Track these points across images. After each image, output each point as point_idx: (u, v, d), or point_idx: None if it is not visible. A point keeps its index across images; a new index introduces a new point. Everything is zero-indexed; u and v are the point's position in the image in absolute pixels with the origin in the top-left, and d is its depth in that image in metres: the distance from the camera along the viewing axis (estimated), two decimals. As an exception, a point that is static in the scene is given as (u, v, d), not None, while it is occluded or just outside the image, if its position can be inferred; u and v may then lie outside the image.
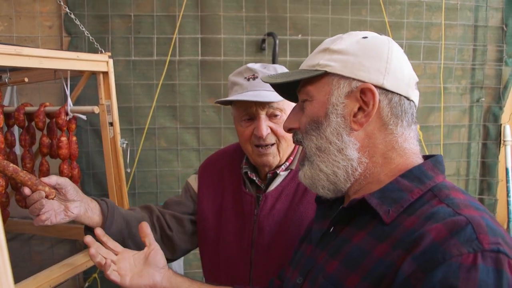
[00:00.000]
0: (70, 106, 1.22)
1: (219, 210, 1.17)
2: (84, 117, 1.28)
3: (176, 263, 1.94)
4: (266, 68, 1.09)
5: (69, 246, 1.92)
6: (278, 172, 1.11)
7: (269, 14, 1.96)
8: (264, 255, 1.08)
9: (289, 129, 0.81)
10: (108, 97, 1.29)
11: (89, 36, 1.50)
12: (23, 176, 0.92)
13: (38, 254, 1.89)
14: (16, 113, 1.23)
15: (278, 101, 1.03)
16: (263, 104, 1.05)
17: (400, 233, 0.62)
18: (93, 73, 1.31)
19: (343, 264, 0.67)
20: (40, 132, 1.24)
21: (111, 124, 1.29)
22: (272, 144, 1.07)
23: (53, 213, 0.95)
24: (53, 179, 0.95)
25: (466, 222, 0.57)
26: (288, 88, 0.81)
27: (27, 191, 0.92)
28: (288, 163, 1.12)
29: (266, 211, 1.09)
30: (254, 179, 1.14)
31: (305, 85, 0.76)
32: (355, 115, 0.71)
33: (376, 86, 0.70)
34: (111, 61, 1.29)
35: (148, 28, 1.90)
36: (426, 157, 0.74)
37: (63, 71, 1.21)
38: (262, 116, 1.05)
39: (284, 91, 0.85)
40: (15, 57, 0.98)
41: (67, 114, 1.21)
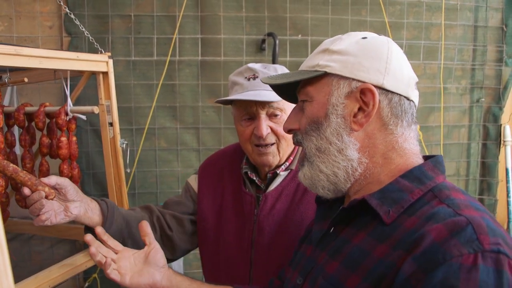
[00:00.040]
0: (70, 106, 1.22)
1: (219, 210, 1.17)
2: (84, 117, 1.28)
3: (176, 263, 1.94)
4: (267, 68, 1.09)
5: (69, 246, 1.91)
6: (278, 172, 1.11)
7: (269, 14, 1.96)
8: (264, 255, 1.08)
9: (289, 130, 0.81)
10: (108, 97, 1.29)
11: (89, 36, 1.50)
12: (23, 176, 0.92)
13: (38, 254, 1.89)
14: (16, 113, 1.23)
15: (278, 101, 1.03)
16: (263, 104, 1.05)
17: (401, 234, 0.62)
18: (93, 73, 1.31)
19: (343, 265, 0.67)
20: (40, 132, 1.24)
21: (111, 124, 1.29)
22: (272, 144, 1.07)
23: (53, 213, 0.95)
24: (53, 179, 0.95)
25: (467, 223, 0.57)
26: (288, 89, 0.81)
27: (27, 191, 0.91)
28: (288, 163, 1.12)
29: (266, 211, 1.09)
30: (254, 179, 1.14)
31: (305, 86, 0.76)
32: (355, 116, 0.71)
33: (376, 86, 0.70)
34: (111, 61, 1.29)
35: (148, 28, 1.90)
36: (426, 158, 0.74)
37: (63, 71, 1.21)
38: (262, 116, 1.06)
39: (284, 92, 0.85)
40: (15, 57, 0.98)
41: (67, 114, 1.21)
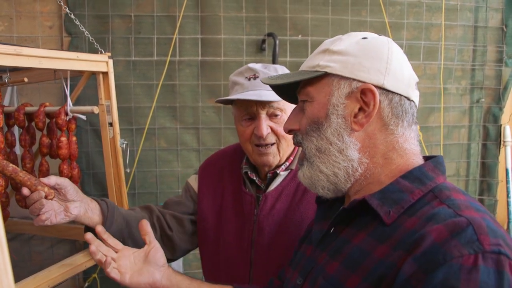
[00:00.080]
0: (70, 106, 1.22)
1: (219, 210, 1.17)
2: (84, 117, 1.28)
3: (175, 264, 1.93)
4: (267, 68, 1.09)
5: (69, 246, 1.91)
6: (278, 172, 1.11)
7: (269, 15, 1.96)
8: (264, 255, 1.08)
9: (289, 131, 0.81)
10: (108, 97, 1.29)
11: (89, 36, 1.50)
12: (23, 176, 0.92)
13: (38, 254, 1.89)
14: (16, 113, 1.23)
15: (279, 101, 1.03)
16: (264, 104, 1.05)
17: (401, 234, 0.62)
18: (93, 73, 1.31)
19: (344, 265, 0.67)
20: (40, 132, 1.24)
21: (111, 125, 1.29)
22: (272, 144, 1.07)
23: (53, 213, 0.95)
24: (52, 180, 0.95)
25: (467, 223, 0.57)
26: (288, 90, 0.81)
27: (26, 192, 0.92)
28: (288, 163, 1.12)
29: (266, 211, 1.09)
30: (254, 179, 1.14)
31: (305, 86, 0.76)
32: (356, 116, 0.71)
33: (377, 87, 0.69)
34: (111, 61, 1.29)
35: (148, 29, 1.90)
36: (427, 158, 0.74)
37: (63, 71, 1.21)
38: (263, 116, 1.06)
39: (284, 93, 0.85)
40: (15, 57, 0.98)
41: (67, 114, 1.21)
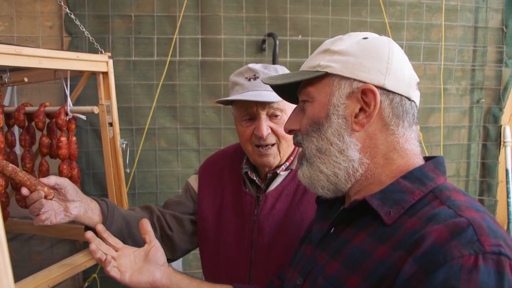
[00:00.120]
0: (70, 106, 1.22)
1: (219, 211, 1.17)
2: (84, 117, 1.28)
3: (175, 264, 1.93)
4: (267, 69, 1.09)
5: (69, 246, 1.91)
6: (278, 172, 1.11)
7: (269, 15, 1.96)
8: (264, 255, 1.08)
9: (290, 131, 0.80)
10: (108, 98, 1.28)
11: (89, 37, 1.49)
12: (22, 177, 0.92)
13: (38, 254, 1.89)
14: (16, 113, 1.23)
15: (279, 101, 1.03)
16: (264, 104, 1.05)
17: (401, 235, 0.62)
18: (93, 73, 1.31)
19: (344, 265, 0.67)
20: (40, 132, 1.24)
21: (111, 125, 1.29)
22: (273, 144, 1.07)
23: (53, 213, 0.95)
24: (52, 180, 0.95)
25: (467, 224, 0.57)
26: (289, 90, 0.81)
27: (25, 192, 0.92)
28: (288, 163, 1.12)
29: (266, 211, 1.09)
30: (254, 179, 1.14)
31: (306, 86, 0.76)
32: (356, 116, 0.70)
33: (377, 87, 0.69)
34: (111, 62, 1.28)
35: (149, 29, 1.90)
36: (427, 158, 0.74)
37: (63, 71, 1.20)
38: (263, 116, 1.05)
39: (285, 93, 0.85)
40: (15, 57, 0.98)
41: (67, 114, 1.21)
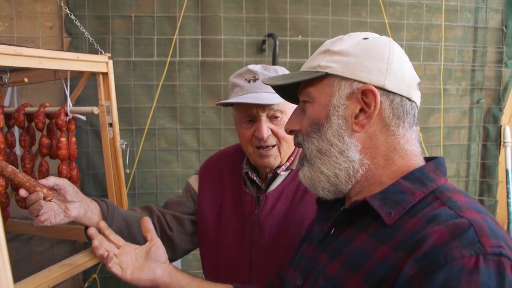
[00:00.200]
0: (70, 107, 1.22)
1: (219, 211, 1.17)
2: (84, 118, 1.28)
3: (174, 264, 1.93)
4: (267, 70, 1.09)
5: (69, 247, 1.91)
6: (279, 172, 1.11)
7: (269, 15, 1.96)
8: (264, 255, 1.08)
9: (291, 131, 0.80)
10: (108, 98, 1.28)
11: (90, 37, 1.49)
12: (21, 178, 0.92)
13: (38, 255, 1.89)
14: (16, 114, 1.23)
15: (279, 103, 1.03)
16: (264, 106, 1.04)
17: (402, 235, 0.61)
18: (93, 74, 1.31)
19: (344, 266, 0.67)
20: (40, 133, 1.24)
21: (111, 125, 1.29)
22: (273, 146, 1.07)
23: (53, 214, 0.95)
24: (51, 180, 0.95)
25: (468, 225, 0.56)
26: (289, 90, 0.81)
27: (23, 193, 0.92)
28: (289, 163, 1.12)
29: (267, 211, 1.09)
30: (255, 179, 1.14)
31: (306, 87, 0.76)
32: (357, 117, 0.70)
33: (377, 87, 0.69)
34: (111, 62, 1.28)
35: (149, 29, 1.90)
36: (428, 159, 0.74)
37: (63, 72, 1.20)
38: (263, 118, 1.05)
39: (285, 93, 0.85)
40: (15, 58, 0.98)
41: (67, 115, 1.21)
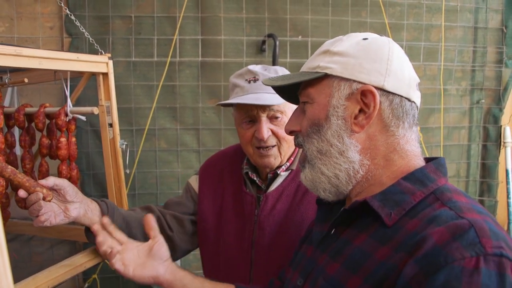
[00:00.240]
0: (70, 107, 1.21)
1: (219, 211, 1.17)
2: (84, 118, 1.28)
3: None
4: (267, 70, 1.09)
5: (69, 247, 1.91)
6: (279, 173, 1.11)
7: (269, 16, 1.96)
8: (265, 256, 1.08)
9: (291, 132, 0.80)
10: (108, 98, 1.28)
11: (90, 37, 1.49)
12: (21, 178, 0.92)
13: (38, 255, 1.89)
14: (16, 114, 1.23)
15: (279, 104, 1.03)
16: (264, 107, 1.04)
17: (402, 236, 0.61)
18: (93, 74, 1.31)
19: (344, 266, 0.67)
20: (40, 133, 1.24)
21: (111, 125, 1.29)
22: (273, 146, 1.07)
23: (53, 214, 0.95)
24: (51, 181, 0.95)
25: (469, 226, 0.56)
26: (289, 90, 0.81)
27: (22, 194, 0.92)
28: (289, 164, 1.12)
29: (267, 212, 1.09)
30: (255, 180, 1.14)
31: (306, 88, 0.76)
32: (356, 117, 0.70)
33: (377, 88, 0.69)
34: (111, 62, 1.28)
35: (149, 29, 1.90)
36: (428, 159, 0.73)
37: (63, 72, 1.20)
38: (263, 119, 1.05)
39: (285, 93, 0.85)
40: (15, 58, 0.98)
41: (67, 115, 1.21)
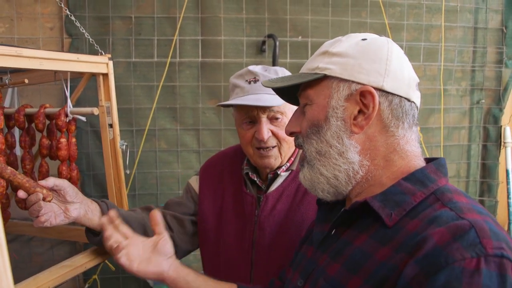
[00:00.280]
0: (70, 108, 1.22)
1: (220, 212, 1.17)
2: (84, 119, 1.28)
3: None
4: (267, 71, 1.09)
5: (69, 248, 1.91)
6: (279, 173, 1.11)
7: (269, 16, 1.96)
8: (265, 256, 1.08)
9: (291, 133, 0.80)
10: (108, 99, 1.28)
11: (90, 38, 1.50)
12: (21, 179, 0.92)
13: (38, 256, 1.89)
14: (17, 115, 1.23)
15: (279, 105, 1.03)
16: (264, 108, 1.05)
17: (403, 237, 0.61)
18: (93, 75, 1.31)
19: (345, 267, 0.67)
20: (40, 134, 1.24)
21: (111, 126, 1.29)
22: (274, 147, 1.07)
23: (53, 215, 0.95)
24: (50, 181, 0.95)
25: (469, 226, 0.56)
26: (289, 91, 0.81)
27: (22, 194, 0.92)
28: (289, 164, 1.12)
29: (267, 212, 1.09)
30: (255, 180, 1.14)
31: (305, 89, 0.76)
32: (355, 118, 0.70)
33: (376, 88, 0.69)
34: (111, 63, 1.28)
35: (149, 30, 1.90)
36: (428, 160, 0.73)
37: (63, 73, 1.20)
38: (263, 120, 1.06)
39: (285, 94, 0.85)
40: (16, 59, 0.98)
41: (67, 116, 1.21)
